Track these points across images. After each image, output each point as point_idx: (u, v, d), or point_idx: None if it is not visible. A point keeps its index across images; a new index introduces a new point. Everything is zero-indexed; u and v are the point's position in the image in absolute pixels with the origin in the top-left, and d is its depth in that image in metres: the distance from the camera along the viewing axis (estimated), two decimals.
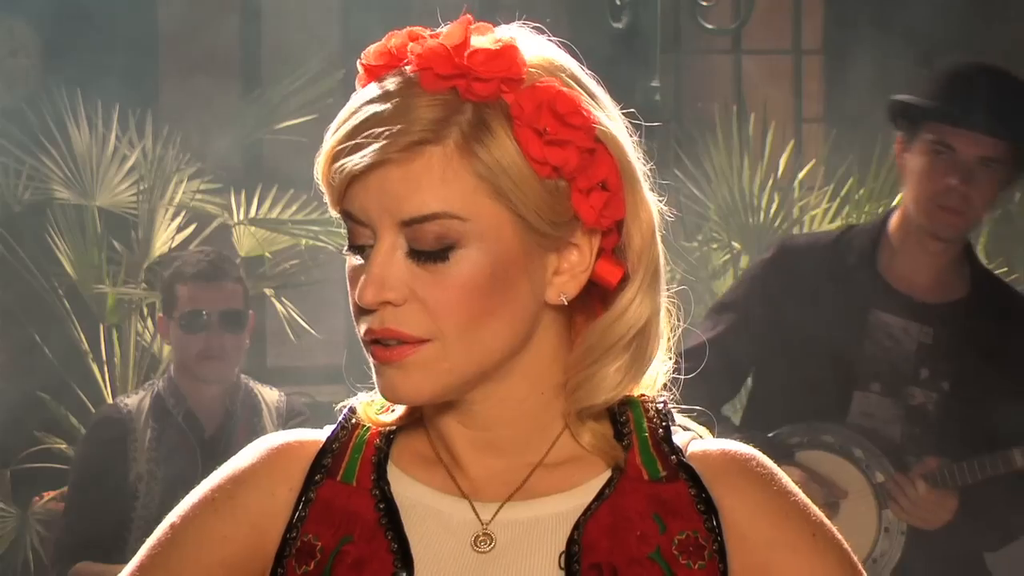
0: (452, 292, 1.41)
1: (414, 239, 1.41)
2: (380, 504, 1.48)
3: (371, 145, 1.41)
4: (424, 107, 1.41)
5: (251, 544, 1.51)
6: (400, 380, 1.43)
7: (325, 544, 1.47)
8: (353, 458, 1.51)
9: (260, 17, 5.97)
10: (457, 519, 1.47)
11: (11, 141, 5.44)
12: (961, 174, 3.45)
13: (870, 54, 5.90)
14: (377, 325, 1.42)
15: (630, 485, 1.47)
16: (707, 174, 5.61)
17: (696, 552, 1.46)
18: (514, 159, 1.42)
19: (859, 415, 3.56)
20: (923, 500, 3.45)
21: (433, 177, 1.41)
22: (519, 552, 1.46)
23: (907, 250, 3.57)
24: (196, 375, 4.30)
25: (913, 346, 3.55)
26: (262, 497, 1.52)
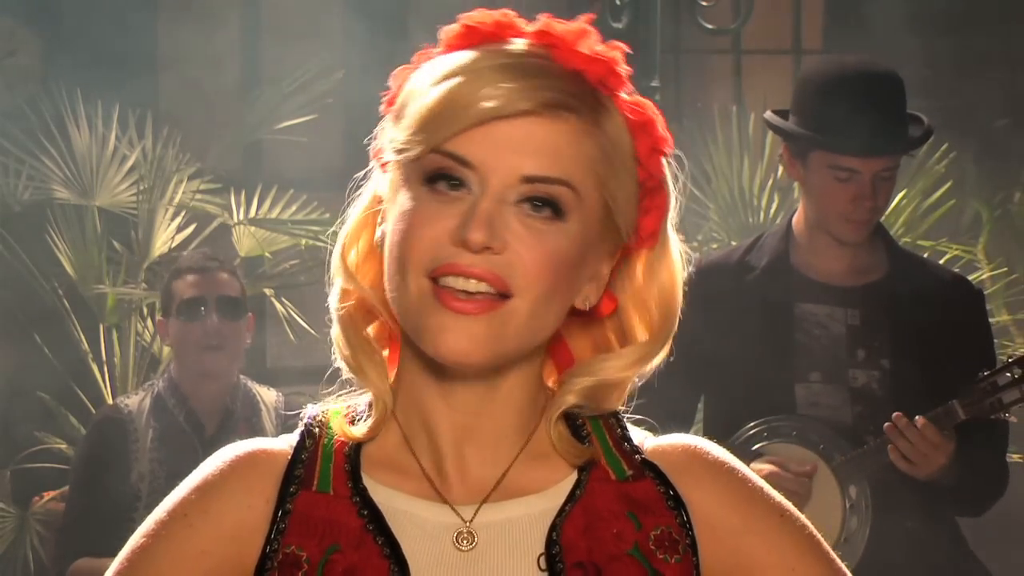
0: (547, 257, 1.42)
1: (529, 196, 1.42)
2: (363, 511, 1.47)
3: (510, 94, 1.40)
4: (561, 77, 1.43)
5: (229, 557, 1.48)
6: (467, 334, 1.41)
7: (311, 554, 1.46)
8: (325, 467, 1.50)
9: (260, 17, 5.97)
10: (434, 522, 1.48)
11: (11, 141, 5.44)
12: (866, 191, 3.53)
13: (870, 54, 5.90)
14: (468, 263, 1.40)
15: (599, 486, 1.50)
16: (707, 174, 5.61)
17: (671, 546, 1.48)
18: (628, 150, 1.46)
19: (807, 406, 3.60)
20: (924, 437, 3.44)
21: (568, 142, 1.43)
22: (499, 552, 1.47)
23: (815, 246, 3.64)
24: (197, 367, 4.32)
25: (843, 330, 3.61)
26: (238, 509, 1.49)
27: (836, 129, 3.51)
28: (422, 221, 1.42)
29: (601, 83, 1.45)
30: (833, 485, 3.57)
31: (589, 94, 1.44)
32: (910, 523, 3.60)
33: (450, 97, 1.41)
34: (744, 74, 6.58)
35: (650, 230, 1.49)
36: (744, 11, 4.95)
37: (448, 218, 1.41)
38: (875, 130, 3.51)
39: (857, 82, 3.54)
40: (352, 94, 5.67)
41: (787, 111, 3.67)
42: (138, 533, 1.51)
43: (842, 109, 3.51)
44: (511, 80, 1.41)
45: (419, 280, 1.42)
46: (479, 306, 1.41)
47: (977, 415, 3.46)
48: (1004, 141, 6.08)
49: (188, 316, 4.31)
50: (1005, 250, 5.75)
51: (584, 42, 1.45)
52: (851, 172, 3.52)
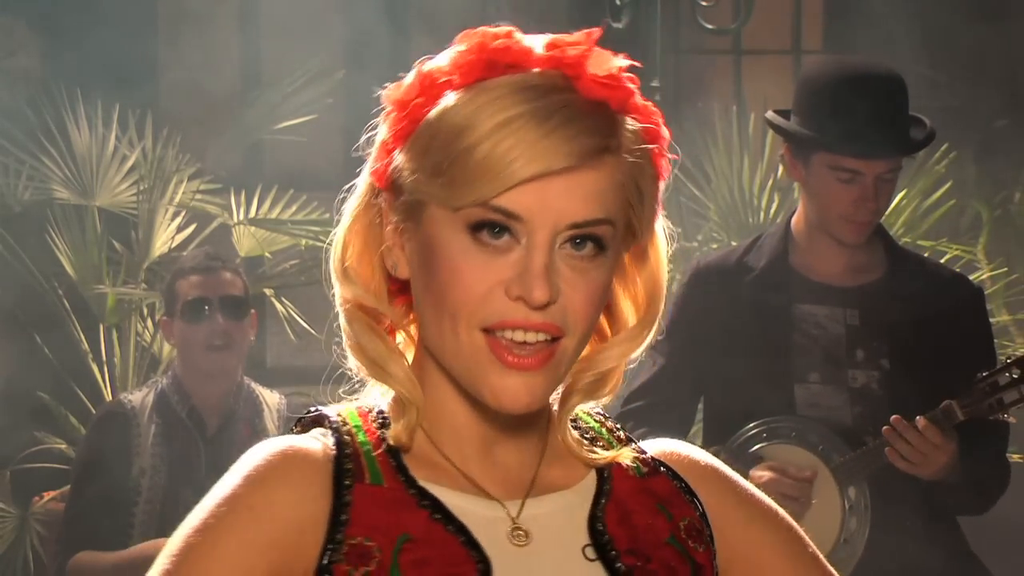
0: (592, 294, 1.46)
1: (574, 240, 1.44)
2: (423, 502, 1.48)
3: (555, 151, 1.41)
4: (593, 114, 1.44)
5: (294, 548, 1.46)
6: (529, 387, 1.45)
7: (381, 545, 1.46)
8: (370, 462, 1.51)
9: (260, 17, 5.97)
10: (485, 515, 1.50)
11: (11, 141, 5.44)
12: (868, 193, 3.53)
13: (870, 55, 5.90)
14: (527, 319, 1.43)
15: (621, 482, 1.55)
16: (707, 174, 5.61)
17: (699, 536, 1.55)
18: (650, 169, 1.49)
19: (805, 407, 3.60)
20: (924, 438, 3.43)
21: (606, 185, 1.45)
22: (550, 545, 1.50)
23: (814, 247, 3.64)
24: (202, 367, 4.33)
25: (842, 330, 3.61)
26: (302, 501, 1.47)
27: (839, 130, 3.50)
28: (471, 273, 1.44)
29: (621, 107, 1.47)
30: (832, 486, 3.57)
31: (616, 124, 1.46)
32: (909, 523, 3.60)
33: (494, 154, 1.41)
34: (744, 74, 6.58)
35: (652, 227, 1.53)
36: (744, 11, 4.95)
37: (499, 271, 1.43)
38: (878, 132, 3.50)
39: (861, 83, 3.53)
40: (352, 94, 5.67)
41: (788, 111, 3.67)
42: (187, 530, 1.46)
43: (845, 110, 3.50)
44: (553, 130, 1.41)
45: (472, 333, 1.45)
46: (537, 359, 1.45)
47: (976, 416, 3.45)
48: (1004, 141, 6.08)
49: (192, 317, 4.32)
50: (1005, 250, 5.75)
51: (598, 65, 1.45)
52: (854, 174, 3.52)
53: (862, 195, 3.52)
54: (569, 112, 1.42)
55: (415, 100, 1.47)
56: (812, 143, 3.55)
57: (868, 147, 3.50)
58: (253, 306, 4.49)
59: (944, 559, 3.61)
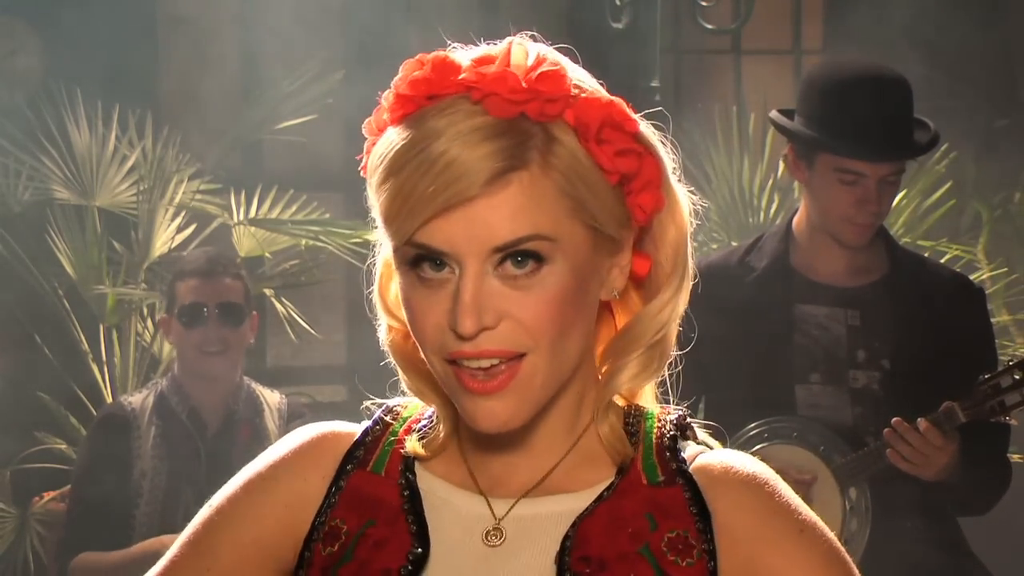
0: (543, 306, 1.46)
1: (504, 261, 1.45)
2: (404, 491, 1.55)
3: (456, 182, 1.42)
4: (500, 135, 1.44)
5: (283, 525, 1.57)
6: (499, 408, 1.47)
7: (350, 527, 1.54)
8: (384, 451, 1.58)
9: (260, 17, 5.97)
10: (469, 512, 1.53)
11: (11, 141, 5.44)
12: (871, 196, 3.54)
13: (870, 55, 5.90)
14: (473, 348, 1.45)
15: (629, 489, 1.53)
16: (707, 174, 5.61)
17: (685, 550, 1.50)
18: (589, 171, 1.47)
19: (806, 407, 3.60)
20: (926, 440, 3.43)
21: (523, 202, 1.44)
22: (521, 546, 1.51)
23: (816, 247, 3.65)
24: (198, 371, 4.34)
25: (843, 331, 3.61)
26: (295, 481, 1.58)
27: (845, 132, 3.50)
28: (420, 310, 1.47)
29: (541, 115, 1.45)
30: (833, 487, 3.57)
31: (535, 135, 1.45)
32: (910, 523, 3.60)
33: (403, 192, 1.44)
34: (744, 74, 6.58)
35: (651, 204, 1.51)
36: (744, 11, 4.95)
37: (440, 303, 1.46)
38: (883, 135, 3.50)
39: (866, 85, 3.53)
40: (352, 94, 5.67)
41: (792, 111, 3.67)
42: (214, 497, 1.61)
43: (851, 112, 3.50)
44: (456, 157, 1.42)
45: (442, 364, 1.48)
46: (500, 381, 1.46)
47: (978, 418, 3.45)
48: (1004, 141, 6.08)
49: (188, 321, 4.33)
50: (1005, 250, 5.75)
51: (513, 81, 1.44)
52: (857, 175, 3.52)
53: (864, 197, 3.52)
54: (473, 137, 1.43)
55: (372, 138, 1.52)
56: (816, 144, 3.54)
57: (872, 149, 3.50)
58: (254, 307, 4.50)
59: (944, 559, 3.61)
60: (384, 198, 1.46)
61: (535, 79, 1.45)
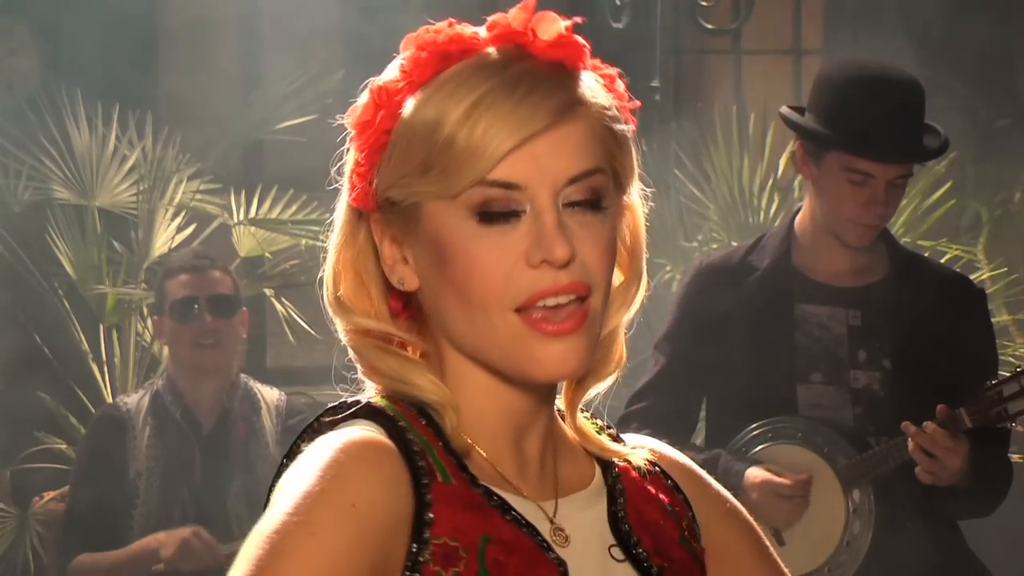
0: (604, 247, 1.47)
1: (574, 195, 1.45)
2: (492, 501, 1.47)
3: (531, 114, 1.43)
4: (554, 74, 1.46)
5: (389, 546, 1.41)
6: (571, 352, 1.45)
7: (465, 544, 1.43)
8: (436, 459, 1.47)
9: (260, 17, 5.97)
10: (533, 516, 1.49)
11: (11, 141, 5.44)
12: (878, 197, 3.53)
13: (870, 55, 5.90)
14: (554, 284, 1.43)
15: (629, 483, 1.56)
16: (707, 174, 5.61)
17: (697, 535, 1.58)
18: (616, 115, 1.50)
19: (808, 407, 3.59)
20: (937, 443, 3.42)
21: (588, 133, 1.46)
22: (586, 545, 1.50)
23: (818, 247, 3.65)
24: (193, 365, 4.35)
25: (844, 331, 3.61)
26: (391, 499, 1.42)
27: (857, 131, 3.49)
28: (487, 257, 1.44)
29: (576, 67, 1.48)
30: (837, 489, 3.56)
31: (577, 80, 1.48)
32: (910, 524, 3.60)
33: (477, 134, 1.43)
34: (744, 74, 6.58)
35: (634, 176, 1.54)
36: (744, 11, 4.96)
37: (514, 246, 1.44)
38: (896, 136, 3.49)
39: (881, 86, 3.52)
40: (352, 94, 5.66)
41: (802, 108, 3.66)
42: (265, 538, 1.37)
43: (864, 111, 3.49)
44: (522, 98, 1.43)
45: (504, 316, 1.44)
46: (574, 321, 1.45)
47: (983, 423, 3.45)
48: (1004, 141, 6.08)
49: (181, 316, 4.35)
50: (1005, 250, 5.75)
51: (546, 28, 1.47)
52: (866, 176, 3.51)
53: (872, 198, 3.52)
54: (533, 77, 1.44)
55: (378, 115, 1.51)
56: (828, 142, 3.53)
57: (885, 150, 3.49)
58: (247, 305, 4.51)
59: (944, 560, 3.61)
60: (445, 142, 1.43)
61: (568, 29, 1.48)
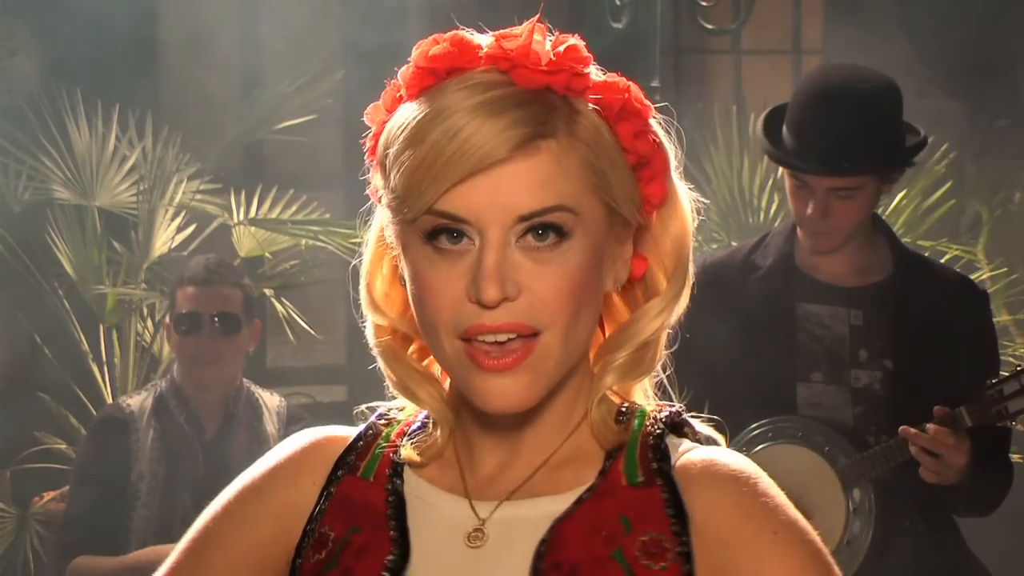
0: (563, 282, 1.44)
1: (526, 234, 1.43)
2: (390, 497, 1.52)
3: (483, 146, 1.40)
4: (528, 104, 1.43)
5: (275, 533, 1.55)
6: (512, 387, 1.44)
7: (337, 534, 1.52)
8: (375, 456, 1.55)
9: (260, 17, 5.97)
10: (454, 516, 1.51)
11: (11, 141, 5.44)
12: (816, 205, 3.53)
13: (870, 55, 5.90)
14: (491, 321, 1.42)
15: (608, 490, 1.50)
16: (707, 174, 5.61)
17: (659, 554, 1.46)
18: (611, 148, 1.47)
19: (807, 406, 3.60)
20: (939, 442, 3.41)
21: (551, 171, 1.43)
22: (502, 549, 1.49)
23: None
24: (192, 378, 4.34)
25: (845, 330, 3.61)
26: (287, 490, 1.56)
27: (792, 142, 3.53)
28: (436, 285, 1.44)
29: (568, 89, 1.45)
30: (837, 488, 3.56)
31: (559, 107, 1.44)
32: (909, 523, 3.60)
33: (428, 159, 1.41)
34: (744, 74, 6.58)
35: (658, 195, 1.51)
36: (744, 11, 4.95)
37: (459, 277, 1.43)
38: (824, 150, 3.48)
39: (822, 97, 3.51)
40: (352, 94, 5.67)
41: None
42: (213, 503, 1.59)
43: (794, 122, 3.54)
44: (483, 124, 1.41)
45: (452, 342, 1.45)
46: (515, 358, 1.43)
47: (983, 422, 3.45)
48: (1004, 141, 6.08)
49: (184, 330, 4.34)
50: (1005, 250, 5.75)
51: (539, 54, 1.44)
52: (804, 185, 3.54)
53: (814, 207, 3.52)
54: (499, 105, 1.42)
55: (383, 118, 1.50)
56: (764, 149, 3.63)
57: (803, 161, 3.51)
58: (256, 315, 4.50)
59: (944, 560, 3.61)
60: (405, 167, 1.42)
61: (562, 53, 1.45)
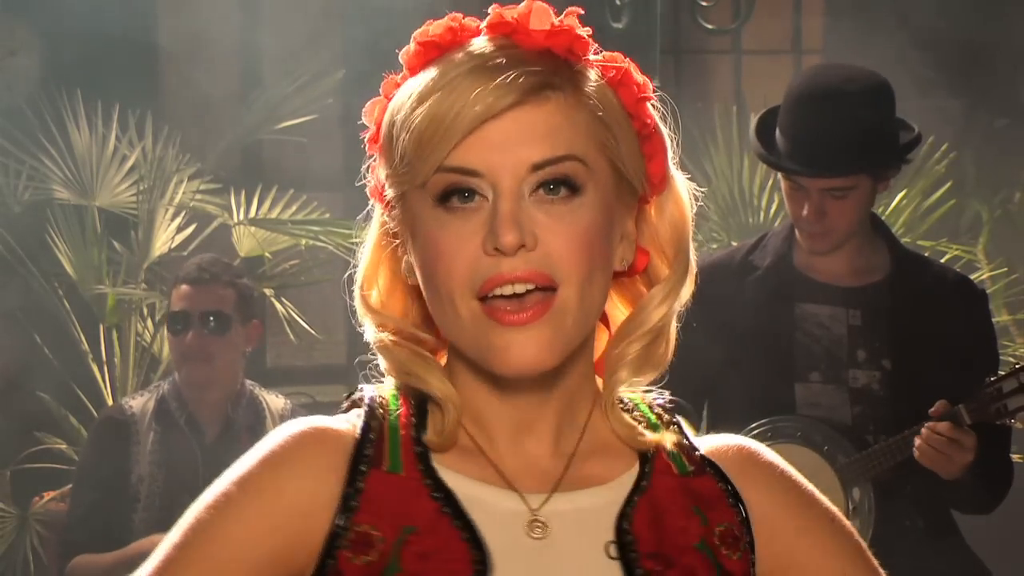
0: (577, 237, 1.43)
1: (542, 183, 1.43)
2: (435, 494, 1.47)
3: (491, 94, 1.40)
4: (534, 60, 1.43)
5: (299, 532, 1.47)
6: (531, 343, 1.43)
7: (385, 534, 1.45)
8: (393, 448, 1.50)
9: (260, 17, 5.97)
10: (504, 508, 1.48)
11: (11, 141, 5.44)
12: (811, 206, 3.53)
13: (870, 54, 5.90)
14: (510, 271, 1.41)
15: (662, 479, 1.51)
16: (707, 174, 5.61)
17: (734, 543, 1.50)
18: (617, 107, 1.47)
19: (806, 406, 3.60)
20: (948, 439, 3.41)
21: (560, 121, 1.43)
22: (570, 540, 1.48)
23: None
24: (186, 378, 4.33)
25: (843, 330, 3.61)
26: (311, 486, 1.47)
27: (784, 144, 3.53)
28: (450, 244, 1.43)
29: (569, 52, 1.46)
30: (836, 487, 3.57)
31: (563, 67, 1.45)
32: (909, 523, 3.60)
33: (437, 114, 1.41)
34: (744, 74, 6.58)
35: (659, 175, 1.51)
36: (744, 11, 4.95)
37: (474, 233, 1.42)
38: (815, 151, 3.48)
39: (821, 98, 3.51)
40: (352, 94, 5.67)
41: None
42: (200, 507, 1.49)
43: (790, 125, 3.54)
44: (488, 79, 1.41)
45: (468, 303, 1.43)
46: (534, 312, 1.42)
47: (982, 420, 3.45)
48: (1004, 141, 6.08)
49: (173, 330, 4.34)
50: (1005, 250, 5.75)
51: (539, 19, 1.45)
52: (797, 185, 3.54)
53: (809, 208, 3.53)
54: (507, 61, 1.42)
55: (377, 109, 1.51)
56: (755, 151, 3.63)
57: (793, 162, 3.52)
58: (257, 315, 4.49)
59: (944, 559, 3.61)
60: (415, 126, 1.42)
61: (563, 19, 1.46)
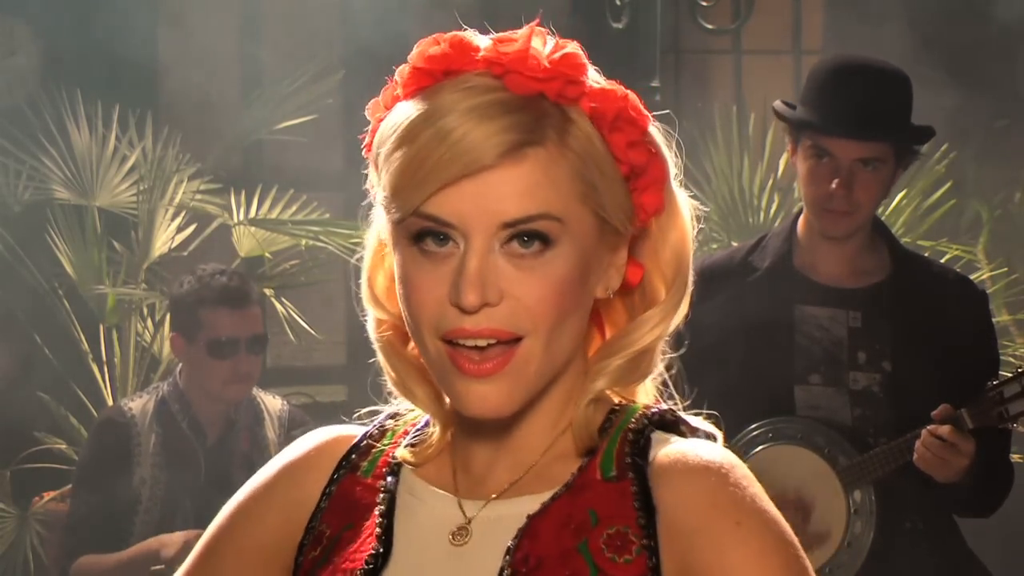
0: (547, 289, 1.44)
1: (511, 240, 1.43)
2: (381, 495, 1.54)
3: (471, 151, 1.41)
4: (519, 110, 1.43)
5: (284, 531, 1.58)
6: (492, 393, 1.45)
7: (332, 531, 1.55)
8: (376, 455, 1.58)
9: (260, 17, 5.97)
10: (444, 514, 1.52)
11: (11, 141, 5.44)
12: (841, 178, 3.51)
13: (870, 54, 5.90)
14: (472, 326, 1.43)
15: (584, 485, 1.50)
16: (707, 174, 5.61)
17: (623, 547, 1.46)
18: (603, 158, 1.47)
19: (806, 409, 3.59)
20: (946, 444, 3.41)
21: (537, 179, 1.43)
22: (483, 546, 1.50)
23: (815, 246, 3.64)
24: (220, 397, 4.31)
25: (844, 332, 3.61)
26: (293, 488, 1.59)
27: (819, 109, 3.52)
28: (420, 285, 1.45)
29: (561, 96, 1.45)
30: (838, 489, 3.56)
31: (551, 115, 1.44)
32: (910, 524, 3.60)
33: (416, 160, 1.42)
34: (744, 74, 6.58)
35: (654, 204, 1.51)
36: (744, 11, 4.95)
37: (442, 280, 1.44)
38: (856, 113, 3.49)
39: (852, 71, 3.55)
40: (352, 94, 5.67)
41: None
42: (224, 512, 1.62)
43: (831, 92, 3.52)
44: (472, 129, 1.41)
45: (435, 342, 1.45)
46: (495, 364, 1.44)
47: (984, 424, 3.45)
48: (1004, 141, 6.08)
49: (219, 355, 4.27)
50: (1005, 250, 5.75)
51: (535, 60, 1.44)
52: (828, 154, 3.52)
53: (835, 176, 3.50)
54: (490, 111, 1.42)
55: (380, 115, 1.50)
56: (793, 120, 3.57)
57: (840, 124, 3.49)
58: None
59: (945, 560, 3.61)
60: (395, 167, 1.43)
61: (557, 60, 1.45)
